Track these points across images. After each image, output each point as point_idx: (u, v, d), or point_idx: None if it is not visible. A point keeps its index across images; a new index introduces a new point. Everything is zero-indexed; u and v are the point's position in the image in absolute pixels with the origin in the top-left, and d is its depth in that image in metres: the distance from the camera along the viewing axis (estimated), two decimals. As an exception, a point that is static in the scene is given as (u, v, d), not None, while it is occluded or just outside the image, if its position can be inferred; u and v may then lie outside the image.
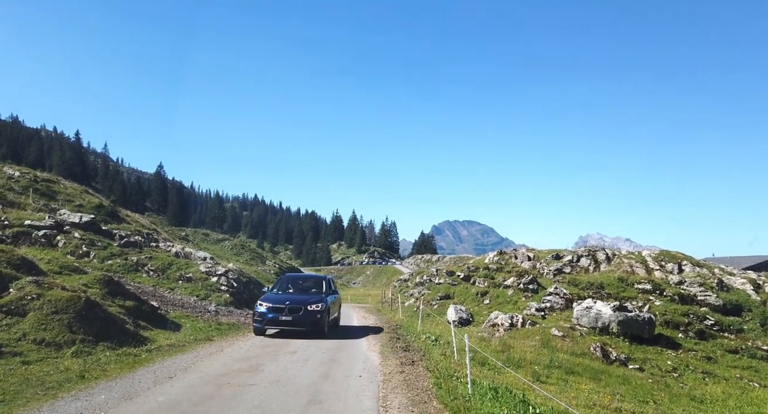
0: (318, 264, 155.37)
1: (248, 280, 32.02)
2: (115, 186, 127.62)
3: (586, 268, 25.30)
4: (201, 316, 21.40)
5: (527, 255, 29.05)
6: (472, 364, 13.28)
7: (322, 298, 16.31)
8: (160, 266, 26.58)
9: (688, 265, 24.39)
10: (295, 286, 18.22)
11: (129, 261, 26.33)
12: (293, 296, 16.57)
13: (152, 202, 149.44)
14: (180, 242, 43.02)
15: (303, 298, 16.19)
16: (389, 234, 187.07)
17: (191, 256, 30.18)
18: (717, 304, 21.03)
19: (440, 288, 28.96)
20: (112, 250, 27.14)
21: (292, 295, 16.95)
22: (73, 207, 36.97)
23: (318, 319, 15.51)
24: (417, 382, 10.59)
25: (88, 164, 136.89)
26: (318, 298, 16.32)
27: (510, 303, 23.67)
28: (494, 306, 23.93)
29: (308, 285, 18.47)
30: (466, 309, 23.89)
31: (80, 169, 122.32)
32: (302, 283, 18.74)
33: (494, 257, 30.54)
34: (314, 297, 16.41)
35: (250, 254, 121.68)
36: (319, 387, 9.71)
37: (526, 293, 23.81)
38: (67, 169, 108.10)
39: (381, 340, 17.71)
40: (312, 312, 15.52)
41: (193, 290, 25.11)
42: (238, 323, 20.90)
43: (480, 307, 24.70)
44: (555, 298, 21.70)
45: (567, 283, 23.20)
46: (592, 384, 13.40)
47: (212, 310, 23.04)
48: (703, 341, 19.05)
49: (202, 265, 27.33)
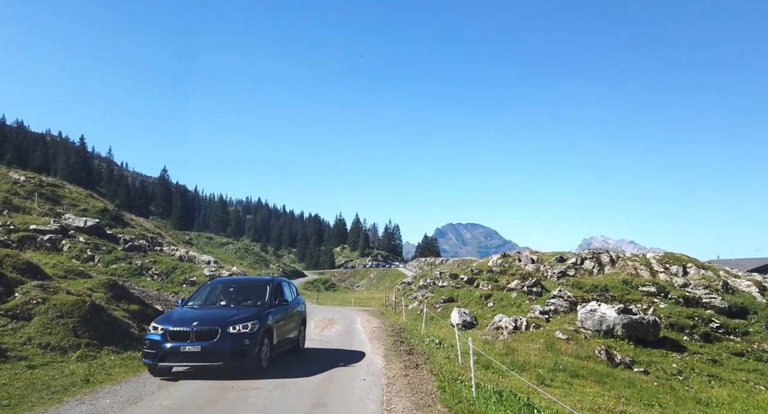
0: (321, 267, 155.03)
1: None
2: (119, 190, 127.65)
3: (590, 270, 25.27)
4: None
5: (531, 258, 29.01)
6: (477, 367, 13.26)
7: (257, 314, 10.95)
8: (164, 270, 26.66)
9: (693, 268, 24.33)
10: (227, 296, 12.56)
11: (133, 265, 26.43)
12: (209, 312, 11.26)
13: (156, 206, 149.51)
14: (184, 246, 43.09)
15: (222, 315, 10.83)
16: (392, 237, 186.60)
17: (195, 259, 30.26)
18: (722, 307, 20.96)
19: (444, 291, 28.97)
20: (117, 254, 27.24)
21: (211, 310, 11.57)
22: (77, 211, 37.15)
23: (246, 347, 10.14)
24: (421, 385, 10.58)
25: (92, 169, 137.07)
26: (248, 313, 10.92)
27: (514, 306, 23.66)
28: (498, 309, 23.90)
29: (244, 293, 12.66)
30: (470, 312, 23.88)
31: (85, 173, 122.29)
32: (235, 291, 12.86)
33: (498, 260, 30.51)
34: (242, 313, 10.93)
35: (253, 258, 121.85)
36: (323, 390, 9.71)
37: (530, 296, 23.79)
38: (71, 173, 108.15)
39: (385, 343, 17.71)
40: (235, 336, 10.12)
41: (197, 294, 25.17)
42: None
43: (484, 310, 24.68)
44: (559, 301, 21.67)
45: (571, 286, 23.19)
46: (597, 387, 13.37)
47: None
48: (709, 344, 18.99)
49: (206, 269, 27.39)
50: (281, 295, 12.62)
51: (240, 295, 12.51)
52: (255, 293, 12.41)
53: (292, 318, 13.15)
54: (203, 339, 10.08)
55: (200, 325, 10.26)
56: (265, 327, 10.79)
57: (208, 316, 10.93)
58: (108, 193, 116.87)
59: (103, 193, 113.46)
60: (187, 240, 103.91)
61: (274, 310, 11.68)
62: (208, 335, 10.11)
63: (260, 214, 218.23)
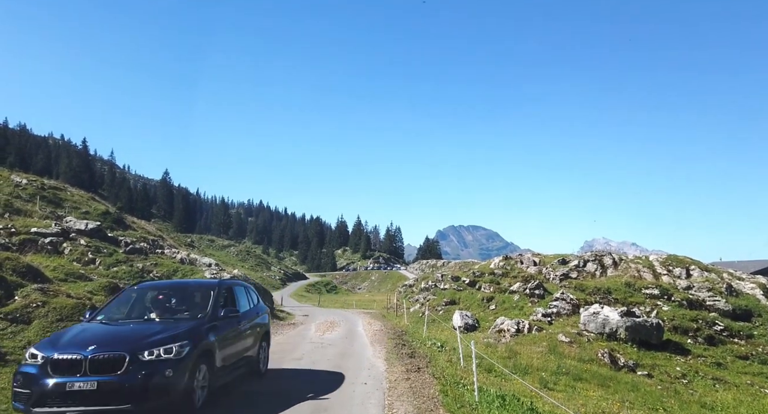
0: (323, 269, 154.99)
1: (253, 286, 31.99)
2: (121, 193, 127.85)
3: (593, 273, 25.15)
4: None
5: (533, 260, 28.90)
6: (479, 370, 13.15)
7: (190, 331, 7.84)
8: (166, 273, 26.56)
9: (696, 270, 24.19)
10: (158, 306, 9.18)
11: (134, 268, 26.34)
12: (118, 330, 8.07)
13: (158, 208, 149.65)
14: (185, 249, 43.06)
15: (136, 334, 7.65)
16: (394, 239, 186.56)
17: (197, 262, 30.18)
18: (726, 309, 20.82)
19: (445, 293, 28.86)
20: (118, 256, 27.15)
21: (122, 326, 8.28)
22: (79, 214, 37.07)
23: (167, 380, 6.98)
24: (423, 389, 10.48)
25: (95, 171, 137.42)
26: (175, 330, 7.75)
27: (516, 308, 23.55)
28: (500, 311, 23.79)
29: (180, 302, 9.44)
30: (471, 315, 23.78)
31: (87, 176, 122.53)
32: (166, 299, 9.53)
33: (500, 262, 30.38)
34: (167, 330, 7.78)
35: (255, 260, 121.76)
36: (324, 394, 9.62)
37: (532, 298, 23.68)
38: (74, 176, 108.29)
39: (386, 346, 17.61)
40: (151, 366, 6.97)
41: (199, 297, 25.11)
42: None
43: (486, 312, 24.57)
44: (561, 304, 21.56)
45: (573, 289, 23.08)
46: (601, 391, 13.25)
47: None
48: (713, 347, 18.85)
49: (207, 272, 27.30)
50: (232, 303, 9.76)
51: (175, 305, 9.31)
52: (194, 302, 9.40)
53: (247, 333, 9.97)
54: (102, 371, 6.74)
55: (99, 351, 6.87)
56: (201, 348, 7.63)
57: (115, 335, 7.68)
58: (110, 196, 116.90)
59: (105, 196, 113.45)
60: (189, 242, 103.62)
61: (219, 323, 8.64)
62: (109, 365, 6.78)
63: (262, 216, 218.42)
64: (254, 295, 11.67)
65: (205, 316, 8.48)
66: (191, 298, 9.62)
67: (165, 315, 8.77)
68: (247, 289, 11.54)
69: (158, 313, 8.83)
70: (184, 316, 8.74)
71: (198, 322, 8.20)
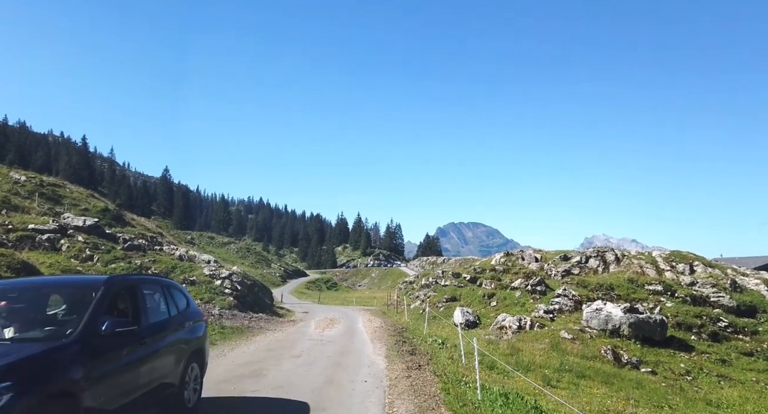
0: (323, 267, 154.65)
1: (253, 283, 31.78)
2: (121, 190, 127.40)
3: (595, 269, 24.87)
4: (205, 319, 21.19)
5: (534, 256, 28.64)
6: (481, 367, 12.92)
7: (10, 367, 4.30)
8: (164, 269, 26.35)
9: (700, 266, 23.89)
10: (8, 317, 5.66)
11: (133, 264, 26.12)
12: None
13: (158, 205, 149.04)
14: (184, 245, 42.83)
15: None
16: (394, 236, 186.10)
17: (195, 259, 29.96)
18: (730, 306, 20.53)
19: (446, 290, 28.63)
20: (116, 253, 26.94)
21: None
22: (78, 211, 36.86)
23: None
24: (424, 387, 10.26)
25: (94, 169, 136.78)
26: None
27: (518, 305, 23.31)
28: (501, 308, 23.56)
29: (40, 310, 5.97)
30: (473, 311, 23.55)
31: (87, 173, 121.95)
32: (21, 306, 6.02)
33: (501, 259, 30.13)
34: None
35: (255, 257, 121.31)
36: (323, 393, 9.40)
37: (534, 295, 23.43)
38: (73, 173, 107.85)
39: (387, 343, 17.39)
40: None
41: (197, 293, 24.85)
42: (241, 327, 20.64)
43: (487, 309, 24.33)
44: (564, 300, 21.31)
45: (576, 285, 22.82)
46: (605, 388, 13.03)
47: (216, 313, 22.77)
48: (717, 343, 18.58)
49: (206, 268, 27.10)
50: (135, 310, 6.38)
51: (33, 314, 5.94)
52: (64, 309, 6.12)
53: (161, 353, 6.65)
54: None
55: None
56: (44, 392, 4.38)
57: None
58: (110, 194, 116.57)
59: (105, 193, 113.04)
60: (189, 240, 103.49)
61: (101, 343, 5.37)
62: None
63: (262, 213, 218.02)
64: (181, 297, 8.22)
65: (72, 334, 5.16)
66: (56, 304, 6.21)
67: (14, 329, 5.45)
68: (169, 288, 7.91)
69: (5, 325, 5.49)
70: (35, 335, 5.39)
71: (52, 347, 4.89)
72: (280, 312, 31.05)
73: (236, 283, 26.84)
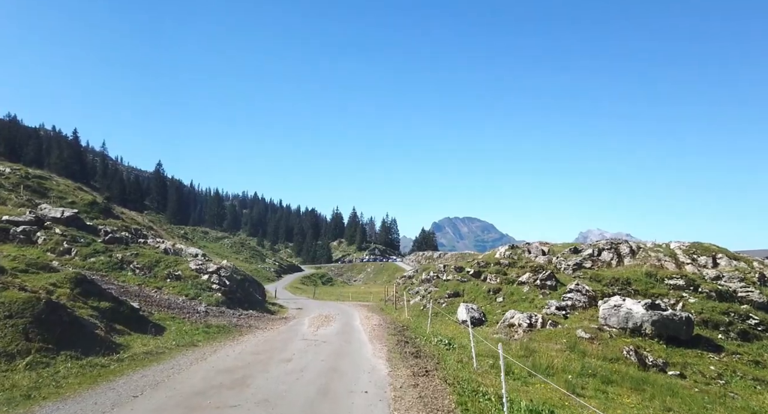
0: (318, 262, 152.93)
1: (243, 278, 30.06)
2: (113, 184, 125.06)
3: (608, 262, 23.23)
4: (189, 317, 19.51)
5: (541, 249, 27.02)
6: (494, 372, 11.40)
7: None
8: (147, 263, 24.67)
9: (724, 258, 22.25)
10: None
11: (114, 258, 24.43)
12: None
13: (151, 200, 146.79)
14: (172, 238, 41.16)
15: None
16: (390, 231, 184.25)
17: (182, 252, 28.28)
18: (760, 301, 18.90)
19: (449, 285, 26.98)
20: (96, 246, 25.24)
21: None
22: (65, 203, 35.18)
23: None
24: (435, 399, 8.70)
25: (86, 163, 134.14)
26: None
27: (526, 301, 21.71)
28: (508, 304, 21.98)
29: None
30: (478, 307, 21.97)
31: (78, 167, 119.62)
32: None
33: (506, 252, 28.49)
34: None
35: (249, 252, 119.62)
36: (316, 407, 7.84)
37: (543, 290, 21.82)
38: (65, 167, 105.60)
39: (387, 344, 15.82)
40: None
41: (182, 289, 23.20)
42: (228, 325, 19.02)
43: (492, 305, 22.74)
44: (577, 296, 19.74)
45: (589, 279, 21.25)
46: (636, 396, 11.46)
47: (202, 310, 21.14)
48: (747, 343, 17.00)
49: (192, 262, 25.42)
50: None
51: None
52: None
53: None
54: None
55: None
56: None
57: None
58: (102, 188, 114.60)
59: (96, 187, 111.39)
60: (182, 234, 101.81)
61: None
62: None
63: (257, 208, 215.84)
64: None
65: None
66: None
67: None
68: None
69: None
70: None
71: None
72: (272, 308, 29.38)
73: (225, 278, 25.16)
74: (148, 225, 72.18)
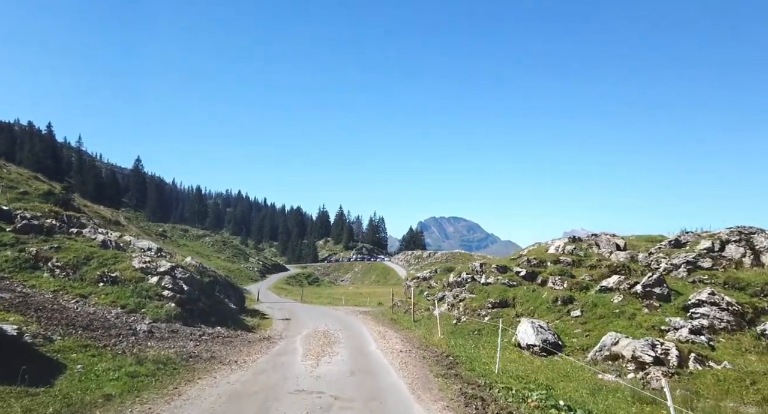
0: (304, 261, 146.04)
1: (213, 280, 22.87)
2: (88, 180, 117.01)
3: (738, 260, 16.18)
4: (117, 343, 12.44)
5: (615, 242, 19.94)
6: None
7: None
8: (72, 261, 17.44)
9: None
10: None
11: (26, 253, 17.24)
12: None
13: (130, 197, 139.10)
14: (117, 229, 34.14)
15: None
16: (377, 230, 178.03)
17: (129, 246, 21.06)
18: None
19: (491, 290, 19.82)
20: (4, 237, 18.07)
21: None
22: (16, 194, 29.30)
23: None
24: None
25: (61, 158, 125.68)
26: None
27: (621, 316, 14.71)
28: (592, 321, 15.10)
29: None
30: (547, 325, 15.02)
31: (53, 162, 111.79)
32: None
33: (564, 246, 21.21)
34: None
35: (232, 251, 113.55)
36: None
37: (648, 301, 14.80)
38: (37, 162, 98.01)
39: (444, 398, 8.89)
40: None
41: (119, 297, 16.04)
42: (176, 358, 11.92)
43: (565, 321, 15.83)
44: (714, 311, 12.93)
45: (722, 285, 14.42)
46: None
47: (143, 330, 14.05)
48: None
49: (137, 259, 18.14)
50: None
51: None
52: None
53: None
54: None
55: None
56: None
57: None
58: (77, 184, 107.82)
59: (71, 183, 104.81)
60: (161, 232, 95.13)
61: None
62: None
63: (240, 206, 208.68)
64: None
65: None
66: None
67: None
68: None
69: None
70: None
71: None
72: (251, 322, 22.04)
73: (182, 281, 17.88)
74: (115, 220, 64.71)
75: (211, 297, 20.16)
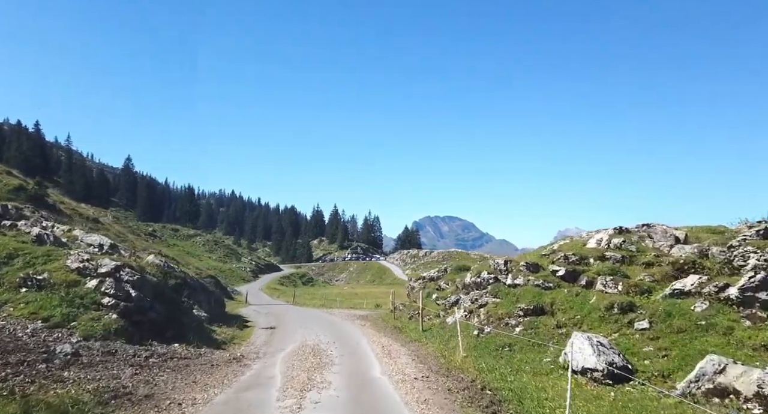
0: (298, 261, 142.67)
1: (179, 283, 18.95)
2: (76, 180, 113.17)
3: None
4: (10, 377, 8.65)
5: (673, 235, 16.02)
6: None
7: None
8: (-11, 260, 13.61)
9: None
10: None
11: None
12: None
13: (120, 197, 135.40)
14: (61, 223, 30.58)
15: None
16: (372, 229, 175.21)
17: (76, 242, 17.18)
18: None
19: (519, 294, 15.67)
20: None
21: None
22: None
23: None
24: None
25: (50, 157, 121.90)
26: None
27: (709, 331, 10.91)
28: (667, 336, 11.37)
29: None
30: (609, 344, 11.24)
31: (41, 161, 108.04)
32: None
33: (611, 239, 17.03)
34: None
35: (224, 251, 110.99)
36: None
37: (748, 309, 10.92)
38: (25, 161, 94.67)
39: None
40: None
41: (42, 307, 12.18)
42: (91, 398, 8.05)
43: (626, 335, 12.08)
44: None
45: None
46: None
47: (64, 352, 10.22)
48: None
49: (74, 257, 14.23)
50: None
51: None
52: None
53: None
54: None
55: None
56: None
57: None
58: (65, 183, 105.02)
59: (60, 182, 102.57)
60: (151, 232, 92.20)
61: None
62: None
63: (233, 206, 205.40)
64: None
65: None
66: None
67: None
68: None
69: None
70: None
71: None
72: (222, 334, 17.91)
73: (128, 285, 13.93)
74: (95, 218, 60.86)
75: (172, 304, 16.24)
